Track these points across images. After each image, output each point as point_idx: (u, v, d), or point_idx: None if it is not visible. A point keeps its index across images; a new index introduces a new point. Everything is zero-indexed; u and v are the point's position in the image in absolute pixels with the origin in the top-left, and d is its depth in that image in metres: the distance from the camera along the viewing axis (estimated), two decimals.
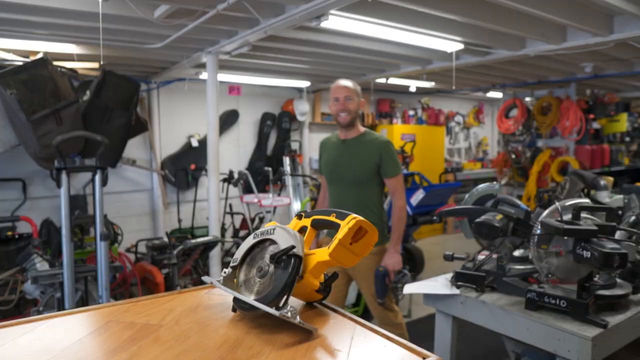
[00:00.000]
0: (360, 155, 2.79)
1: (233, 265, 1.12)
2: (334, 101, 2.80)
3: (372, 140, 2.83)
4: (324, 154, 2.97)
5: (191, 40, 4.06)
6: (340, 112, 2.77)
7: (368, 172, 2.79)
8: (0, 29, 3.75)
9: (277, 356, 0.92)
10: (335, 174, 2.86)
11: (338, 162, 2.85)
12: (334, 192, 2.90)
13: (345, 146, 2.84)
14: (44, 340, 1.03)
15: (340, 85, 2.81)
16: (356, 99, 2.80)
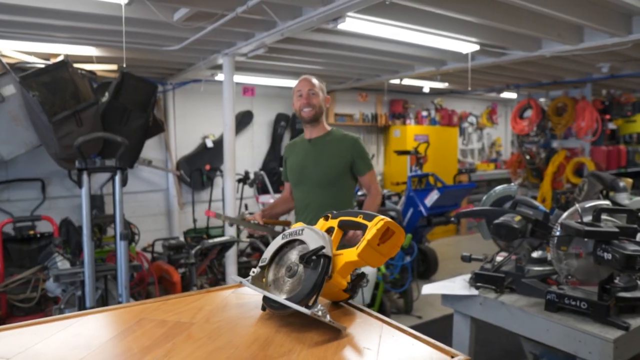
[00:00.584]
0: (329, 153, 2.62)
1: (262, 265, 1.15)
2: (298, 96, 2.62)
3: (340, 138, 2.66)
4: (290, 158, 2.76)
5: (208, 42, 4.11)
6: (303, 107, 2.60)
7: (337, 171, 2.61)
8: (23, 33, 3.84)
9: (309, 354, 0.95)
10: (301, 176, 2.66)
11: (304, 162, 2.65)
12: (300, 195, 2.68)
13: (311, 145, 2.66)
14: (82, 337, 1.07)
15: (304, 80, 2.65)
16: (321, 95, 2.64)
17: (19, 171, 5.29)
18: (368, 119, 8.13)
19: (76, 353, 0.97)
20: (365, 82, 6.59)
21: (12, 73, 3.87)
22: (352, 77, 6.51)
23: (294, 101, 2.66)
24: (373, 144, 8.34)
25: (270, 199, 4.95)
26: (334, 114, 7.71)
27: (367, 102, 7.98)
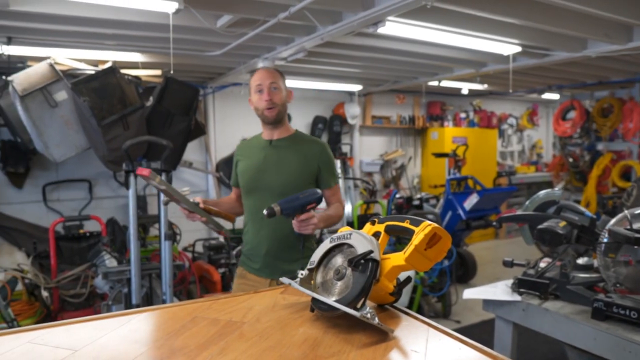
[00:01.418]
0: (293, 159, 2.25)
1: (310, 268, 1.18)
2: (257, 92, 2.22)
3: (307, 142, 2.32)
4: (244, 160, 2.36)
5: (249, 47, 4.19)
6: (265, 106, 2.20)
7: (301, 180, 2.23)
8: (74, 41, 4.02)
9: (358, 355, 0.98)
10: (258, 182, 2.26)
11: (262, 167, 2.25)
12: (254, 203, 2.27)
13: (272, 148, 2.28)
14: (140, 332, 1.13)
15: (263, 72, 2.26)
16: (284, 89, 2.26)
17: (68, 172, 5.53)
18: (405, 121, 8.09)
19: (137, 347, 1.03)
20: (403, 84, 6.57)
21: (65, 80, 4.05)
22: (389, 80, 6.50)
23: (252, 97, 2.27)
24: (410, 147, 8.29)
25: None
26: (370, 116, 7.72)
27: (404, 104, 7.95)
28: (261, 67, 2.37)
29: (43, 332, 1.13)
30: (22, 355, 1.01)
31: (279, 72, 2.29)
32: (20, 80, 3.94)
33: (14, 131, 4.60)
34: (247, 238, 2.33)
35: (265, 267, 2.23)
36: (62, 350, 1.02)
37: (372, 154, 7.87)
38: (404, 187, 8.14)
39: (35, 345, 1.06)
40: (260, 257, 2.23)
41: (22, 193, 5.42)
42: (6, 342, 1.07)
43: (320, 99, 7.23)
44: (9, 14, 3.13)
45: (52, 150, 4.18)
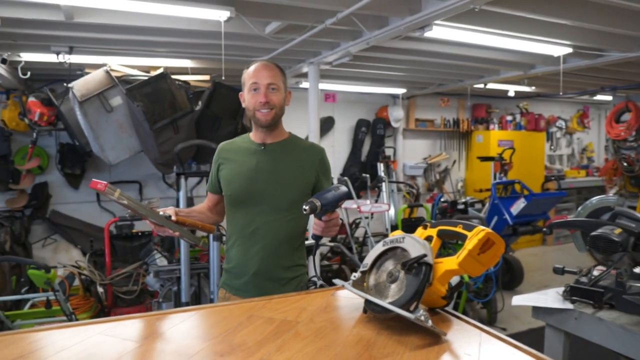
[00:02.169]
0: (289, 167, 1.97)
1: (363, 270, 1.21)
2: (252, 90, 1.90)
3: (304, 148, 2.04)
4: (228, 165, 2.01)
5: (295, 52, 4.26)
6: (260, 107, 1.89)
7: (300, 191, 1.94)
8: (128, 49, 4.21)
9: (411, 357, 1.00)
10: (248, 192, 1.93)
11: (253, 175, 1.93)
12: (242, 217, 1.96)
13: (265, 153, 1.97)
14: (200, 328, 1.19)
15: (261, 68, 1.92)
16: (283, 89, 1.95)
17: (120, 174, 5.77)
18: (449, 124, 7.99)
19: (198, 343, 1.09)
20: (448, 87, 6.50)
21: (120, 86, 4.24)
22: (434, 83, 6.44)
23: (245, 95, 1.95)
24: (454, 150, 8.18)
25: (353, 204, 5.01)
26: (414, 119, 7.66)
27: (448, 107, 7.85)
28: (259, 61, 1.95)
29: (111, 325, 1.20)
30: (95, 345, 1.08)
31: (280, 68, 1.97)
32: (79, 87, 4.16)
33: (72, 135, 4.85)
34: (231, 255, 2.00)
35: (252, 288, 1.90)
36: (130, 343, 1.09)
37: (415, 157, 7.81)
38: (448, 191, 8.04)
39: (106, 336, 1.13)
40: (248, 277, 1.91)
41: (78, 193, 5.69)
42: (79, 332, 1.15)
43: (364, 102, 7.24)
44: (72, 25, 3.31)
45: (108, 153, 4.37)
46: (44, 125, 4.86)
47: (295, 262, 1.97)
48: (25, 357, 1.03)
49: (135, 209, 1.58)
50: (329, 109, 6.87)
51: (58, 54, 4.05)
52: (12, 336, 1.15)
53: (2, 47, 3.95)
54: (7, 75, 4.38)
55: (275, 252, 1.92)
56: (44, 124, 4.84)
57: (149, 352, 1.03)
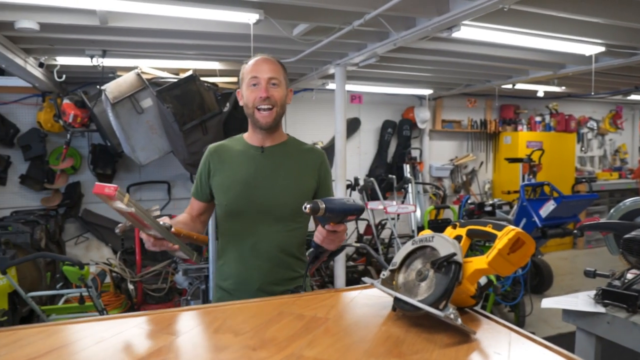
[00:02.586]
0: (290, 172, 1.82)
1: (392, 269, 1.22)
2: (250, 85, 1.74)
3: (304, 151, 1.89)
4: (221, 168, 1.83)
5: (322, 54, 4.29)
6: (261, 104, 1.73)
7: (301, 199, 1.70)
8: (158, 52, 4.30)
9: (440, 354, 1.01)
10: (247, 201, 1.77)
11: (252, 181, 1.78)
12: (240, 228, 1.80)
13: (264, 157, 1.81)
14: (231, 324, 1.22)
15: (262, 61, 1.77)
16: (284, 85, 1.80)
17: (150, 174, 5.90)
18: (477, 125, 7.90)
19: (230, 337, 1.12)
20: (475, 87, 6.44)
21: (150, 88, 4.34)
22: (461, 84, 6.39)
23: (243, 90, 1.81)
24: (482, 151, 8.08)
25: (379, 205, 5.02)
26: (440, 120, 7.61)
27: (475, 107, 7.77)
28: (259, 56, 1.79)
29: (146, 318, 1.25)
30: (131, 337, 1.12)
31: (281, 63, 1.83)
32: (111, 89, 4.27)
33: (104, 136, 4.98)
34: (227, 271, 1.83)
35: None
36: (165, 335, 1.13)
37: (442, 159, 7.75)
38: (475, 193, 7.95)
39: (142, 329, 1.17)
40: (250, 293, 1.74)
41: None
42: (117, 325, 1.19)
43: (390, 103, 7.23)
44: (105, 29, 3.41)
45: (138, 154, 4.48)
46: (77, 127, 5.02)
47: (299, 272, 1.85)
48: (67, 347, 1.08)
49: (141, 218, 1.33)
50: (355, 110, 6.89)
51: (92, 57, 4.18)
52: (54, 327, 1.20)
53: (40, 52, 4.09)
54: (43, 78, 4.54)
55: (279, 265, 1.78)
56: (78, 125, 5.00)
57: (183, 345, 1.07)
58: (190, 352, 1.03)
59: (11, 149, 5.32)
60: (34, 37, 3.57)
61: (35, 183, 5.41)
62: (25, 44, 3.82)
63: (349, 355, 1.00)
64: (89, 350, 1.06)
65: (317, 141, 6.71)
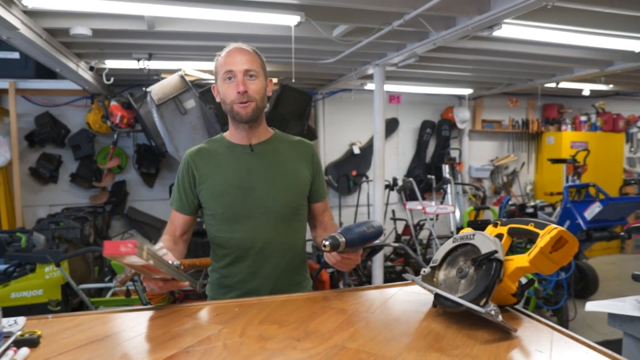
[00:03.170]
0: (284, 168, 1.70)
1: (432, 266, 1.24)
2: (226, 79, 1.60)
3: (294, 144, 1.76)
4: (208, 173, 1.67)
5: (361, 54, 4.31)
6: (237, 100, 1.58)
7: (299, 195, 1.71)
8: (200, 54, 4.43)
9: (481, 350, 1.02)
10: (247, 205, 1.63)
11: (247, 183, 1.64)
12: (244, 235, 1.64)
13: (255, 156, 1.68)
14: (276, 316, 1.26)
15: (236, 51, 1.61)
16: (263, 76, 1.65)
17: None
18: (518, 125, 7.73)
19: (276, 328, 1.17)
20: (516, 87, 6.31)
21: (193, 89, 4.47)
22: (502, 83, 6.28)
23: (219, 86, 1.64)
24: (523, 152, 7.91)
25: (418, 205, 4.99)
26: (480, 120, 7.49)
27: (517, 107, 7.61)
28: (233, 45, 1.64)
29: (195, 309, 1.31)
30: (181, 326, 1.19)
31: (258, 53, 1.67)
32: (156, 91, 4.42)
33: (149, 136, 5.16)
34: (232, 283, 1.70)
35: None
36: (214, 325, 1.19)
37: (481, 159, 7.63)
38: (516, 194, 7.78)
39: (191, 319, 1.24)
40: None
41: (152, 191, 6.04)
42: (166, 315, 1.26)
43: (429, 103, 7.17)
44: (152, 34, 3.55)
45: (181, 153, 4.54)
46: (123, 127, 5.21)
47: (305, 276, 1.78)
48: (121, 333, 1.15)
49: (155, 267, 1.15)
50: (393, 110, 6.87)
51: (139, 60, 4.34)
52: (110, 314, 1.28)
53: (91, 56, 4.29)
54: (93, 81, 4.74)
55: (287, 269, 1.69)
56: (124, 126, 5.19)
57: (231, 334, 1.12)
58: (237, 341, 1.08)
59: (62, 148, 5.58)
60: (86, 42, 3.74)
61: (84, 181, 5.66)
62: (78, 49, 4.02)
63: (390, 349, 1.03)
64: (141, 337, 1.13)
65: (355, 141, 6.73)
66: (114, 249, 1.04)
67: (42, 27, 3.23)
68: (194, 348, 1.04)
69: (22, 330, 1.11)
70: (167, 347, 1.05)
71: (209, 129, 4.54)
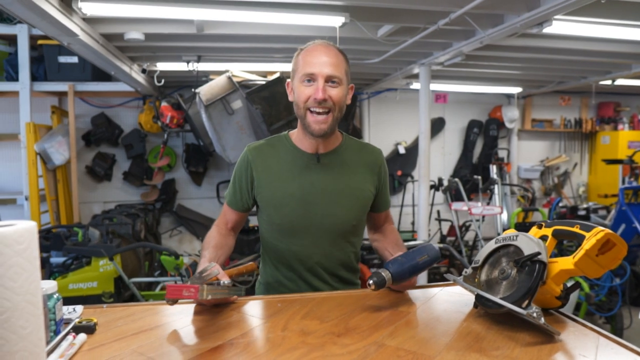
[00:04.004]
0: (353, 181, 1.59)
1: (474, 267, 1.23)
2: (303, 81, 1.47)
3: (362, 153, 1.64)
4: (268, 177, 1.58)
5: (406, 54, 4.28)
6: (315, 106, 1.46)
7: (363, 210, 1.63)
8: (247, 56, 4.52)
9: (522, 352, 1.01)
10: (306, 220, 1.56)
11: (308, 196, 1.55)
12: (299, 250, 1.59)
13: (321, 168, 1.57)
14: (317, 312, 1.29)
15: (321, 52, 1.48)
16: (345, 83, 1.51)
17: None
18: (570, 125, 7.46)
19: (317, 324, 1.19)
20: (569, 85, 6.08)
21: (240, 90, 4.57)
22: (553, 81, 6.07)
23: (295, 85, 1.52)
24: (576, 152, 7.62)
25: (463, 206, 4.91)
26: (530, 119, 7.28)
27: (569, 106, 7.34)
28: (318, 42, 1.52)
29: (239, 303, 1.36)
30: (225, 319, 1.23)
31: (344, 55, 1.54)
32: (204, 92, 4.55)
33: (197, 136, 5.32)
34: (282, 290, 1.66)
35: None
36: (256, 319, 1.23)
37: (531, 160, 7.41)
38: (567, 196, 7.51)
39: (236, 313, 1.28)
40: None
41: (200, 190, 6.22)
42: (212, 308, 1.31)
43: (476, 102, 7.03)
44: (201, 36, 3.66)
45: (228, 153, 4.73)
46: (173, 127, 5.40)
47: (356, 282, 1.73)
48: (170, 324, 1.21)
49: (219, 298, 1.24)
50: (439, 109, 6.78)
51: (188, 62, 4.48)
52: (159, 306, 1.34)
53: (143, 59, 4.47)
54: (145, 83, 4.94)
55: (338, 282, 1.65)
56: (174, 126, 5.38)
57: (273, 328, 1.16)
58: (279, 335, 1.11)
59: (116, 148, 5.85)
60: (139, 46, 3.91)
61: (136, 179, 5.90)
62: (131, 53, 4.20)
63: (429, 347, 1.04)
64: (188, 328, 1.18)
65: (401, 141, 6.69)
66: (177, 293, 1.12)
67: (99, 33, 3.40)
68: (238, 340, 1.08)
69: (80, 317, 1.19)
70: (212, 338, 1.10)
71: (255, 129, 4.63)
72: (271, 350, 1.03)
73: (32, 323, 0.78)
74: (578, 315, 3.97)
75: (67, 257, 3.88)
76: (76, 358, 1.00)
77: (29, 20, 2.73)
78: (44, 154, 4.86)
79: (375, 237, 1.76)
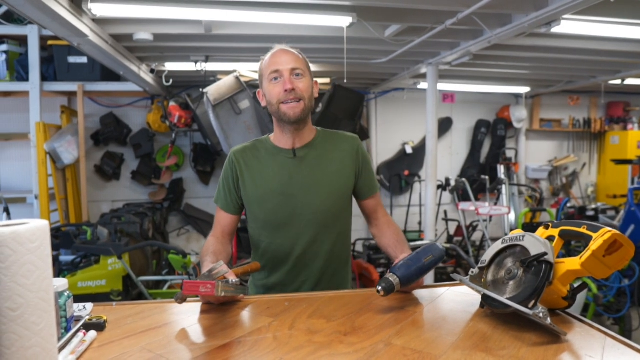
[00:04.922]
0: (328, 171, 1.66)
1: (481, 267, 1.24)
2: (272, 79, 1.60)
3: (337, 142, 1.71)
4: (250, 176, 1.65)
5: (413, 54, 4.28)
6: (286, 98, 1.56)
7: (343, 198, 1.69)
8: (255, 56, 4.52)
9: (528, 352, 1.01)
10: (288, 212, 1.63)
11: (288, 190, 1.62)
12: (285, 242, 1.65)
13: (298, 161, 1.64)
14: (324, 311, 1.30)
15: (280, 53, 1.64)
16: (309, 76, 1.65)
17: None
18: (579, 125, 7.41)
19: (324, 322, 1.20)
20: (577, 84, 6.04)
21: (247, 90, 4.59)
22: (561, 80, 6.03)
23: (264, 87, 1.66)
24: (584, 152, 7.57)
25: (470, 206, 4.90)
26: (538, 119, 7.24)
27: (578, 105, 7.29)
28: (277, 47, 1.70)
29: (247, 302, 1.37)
30: (234, 318, 1.25)
31: (302, 54, 1.69)
32: (212, 92, 4.57)
33: (205, 135, 5.34)
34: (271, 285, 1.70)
35: None
36: (265, 318, 1.24)
37: (539, 160, 7.37)
38: (576, 196, 7.47)
39: (245, 312, 1.30)
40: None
41: (207, 189, 6.24)
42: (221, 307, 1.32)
43: (484, 102, 7.01)
44: (209, 37, 3.68)
45: None
46: (181, 127, 5.43)
47: (346, 278, 1.77)
48: (178, 322, 1.22)
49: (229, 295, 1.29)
50: (447, 109, 6.76)
51: (196, 62, 4.51)
52: (167, 304, 1.36)
53: (151, 59, 4.50)
54: (153, 83, 4.97)
55: (326, 274, 1.68)
56: (182, 125, 5.41)
57: (281, 327, 1.17)
58: (286, 333, 1.12)
59: (124, 147, 5.88)
60: (148, 46, 3.93)
61: (144, 178, 5.94)
62: (140, 53, 4.23)
63: (436, 347, 1.04)
64: (196, 326, 1.20)
65: (408, 141, 6.68)
66: (194, 288, 1.19)
67: (108, 34, 3.43)
68: (245, 338, 1.10)
69: (90, 315, 1.20)
70: (220, 336, 1.11)
71: (262, 129, 4.64)
72: (278, 349, 1.04)
73: (44, 319, 0.79)
74: (586, 316, 3.95)
75: (76, 255, 3.92)
76: (87, 355, 1.02)
77: (40, 22, 2.76)
78: (53, 153, 4.90)
79: (374, 232, 1.79)
